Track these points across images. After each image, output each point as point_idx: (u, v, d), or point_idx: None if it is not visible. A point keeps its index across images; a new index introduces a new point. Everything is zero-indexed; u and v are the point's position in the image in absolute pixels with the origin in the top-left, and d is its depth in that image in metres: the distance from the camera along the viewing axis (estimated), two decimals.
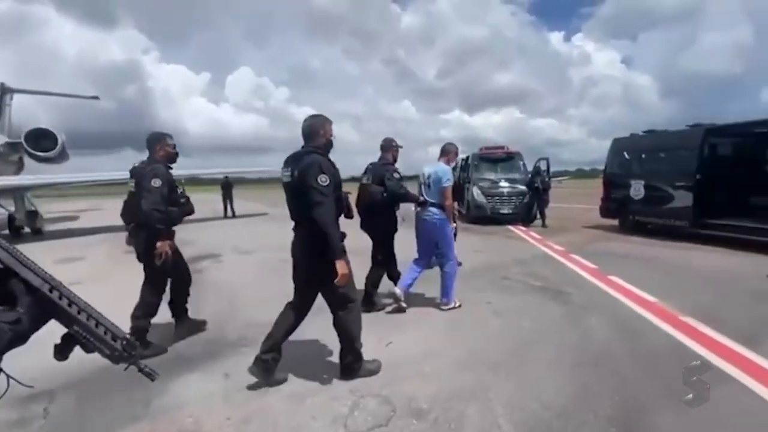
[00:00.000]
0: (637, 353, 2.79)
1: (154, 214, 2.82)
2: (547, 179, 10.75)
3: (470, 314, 3.69)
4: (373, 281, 3.92)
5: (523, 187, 10.98)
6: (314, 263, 2.40)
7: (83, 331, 0.90)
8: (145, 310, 2.96)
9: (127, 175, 3.48)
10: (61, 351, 0.93)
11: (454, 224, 3.99)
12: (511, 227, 10.22)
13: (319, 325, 3.39)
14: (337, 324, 2.53)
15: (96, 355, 1.03)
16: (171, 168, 3.10)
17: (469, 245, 7.55)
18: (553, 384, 2.37)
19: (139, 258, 3.06)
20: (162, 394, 2.36)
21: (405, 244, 4.20)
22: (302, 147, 2.47)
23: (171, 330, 3.28)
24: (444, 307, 3.85)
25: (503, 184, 11.34)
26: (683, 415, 2.05)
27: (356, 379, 2.49)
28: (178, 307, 3.30)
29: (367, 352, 2.90)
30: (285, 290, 4.67)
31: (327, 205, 2.26)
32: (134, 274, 3.28)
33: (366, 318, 3.61)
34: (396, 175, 3.83)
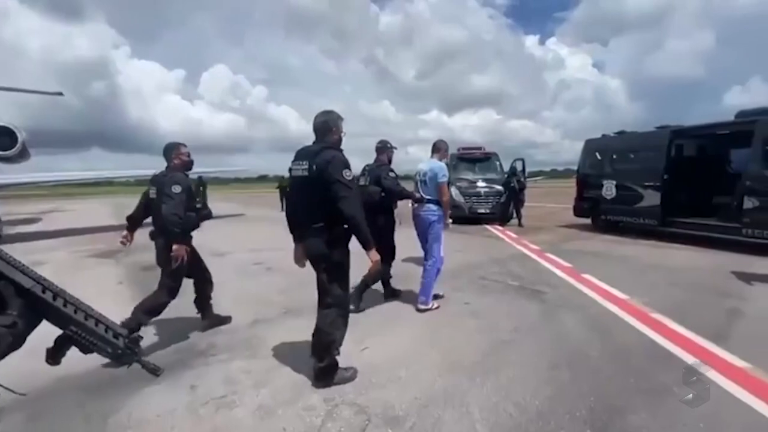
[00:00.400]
0: (610, 351, 2.82)
1: (172, 218, 2.93)
2: (523, 179, 10.93)
3: (448, 315, 3.66)
4: (383, 277, 4.08)
5: (500, 187, 11.13)
6: (325, 254, 2.39)
7: (81, 330, 0.86)
8: (151, 307, 3.06)
9: (95, 174, 3.58)
10: (54, 355, 0.88)
11: (450, 221, 4.20)
12: (488, 226, 10.33)
13: (288, 330, 3.30)
14: (321, 322, 2.46)
15: (48, 368, 0.93)
16: (187, 175, 3.27)
17: (448, 245, 7.52)
18: (530, 386, 2.35)
19: (158, 261, 3.16)
20: (121, 409, 2.20)
21: (405, 244, 4.34)
22: (314, 143, 2.47)
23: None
24: (421, 306, 3.82)
25: (481, 184, 11.44)
26: (657, 414, 2.06)
27: (330, 386, 2.40)
28: (203, 302, 3.47)
29: (343, 357, 2.81)
30: (260, 293, 4.54)
31: (353, 199, 2.29)
32: (98, 279, 3.07)
33: None
34: (391, 174, 4.02)
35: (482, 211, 11.03)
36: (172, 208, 2.94)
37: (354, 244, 2.43)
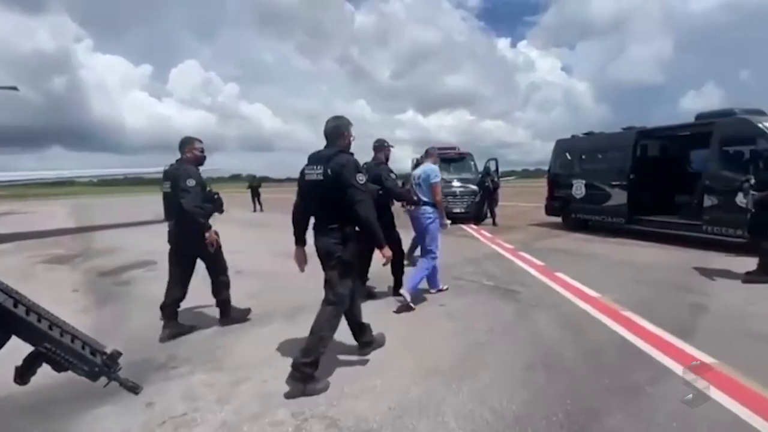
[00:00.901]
0: (584, 350, 2.82)
1: (195, 210, 3.12)
2: (496, 179, 11.07)
3: (424, 318, 3.59)
4: (395, 271, 4.17)
5: (474, 187, 11.22)
6: (335, 251, 2.46)
7: (56, 348, 0.82)
8: (221, 286, 3.41)
9: (54, 174, 3.47)
10: (23, 373, 0.83)
11: (448, 221, 4.51)
12: (463, 226, 10.38)
13: (256, 338, 3.13)
14: (321, 317, 2.49)
15: None
16: (198, 169, 3.35)
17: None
18: (506, 390, 2.30)
19: (194, 253, 3.35)
20: None
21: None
22: (325, 147, 2.55)
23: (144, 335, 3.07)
24: (398, 296, 3.95)
25: (455, 183, 11.50)
26: (632, 415, 2.05)
27: (299, 398, 2.26)
28: (220, 300, 3.54)
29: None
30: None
31: (367, 202, 2.39)
32: (52, 287, 2.81)
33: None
34: (392, 175, 4.24)
35: (457, 210, 11.08)
36: (192, 200, 3.11)
37: None
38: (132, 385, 0.98)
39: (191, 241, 3.27)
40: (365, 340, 2.82)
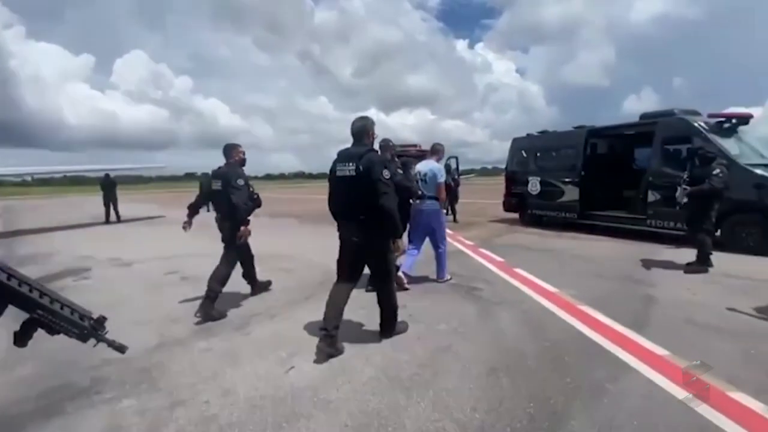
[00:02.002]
0: (545, 349, 2.78)
1: (243, 206, 3.69)
2: (457, 176, 11.17)
3: None
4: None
5: None
6: (374, 241, 2.79)
7: (47, 314, 0.94)
8: (222, 277, 3.75)
9: None
10: (21, 337, 0.96)
11: (448, 214, 4.85)
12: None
13: (198, 353, 2.80)
14: (381, 295, 2.98)
15: None
16: (243, 170, 3.93)
17: None
18: (469, 398, 2.18)
19: (226, 241, 3.89)
20: None
21: None
22: (352, 145, 2.85)
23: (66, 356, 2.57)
24: (440, 280, 4.62)
25: None
26: (594, 417, 2.00)
27: (246, 423, 2.02)
28: (251, 277, 4.30)
29: (266, 378, 2.47)
30: (169, 309, 3.93)
31: (392, 195, 2.71)
32: None
33: (270, 336, 3.15)
34: (399, 171, 4.30)
35: None
36: (241, 197, 3.68)
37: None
38: (118, 345, 1.11)
39: (228, 231, 3.85)
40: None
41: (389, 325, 3.03)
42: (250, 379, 2.44)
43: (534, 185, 9.32)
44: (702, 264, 4.89)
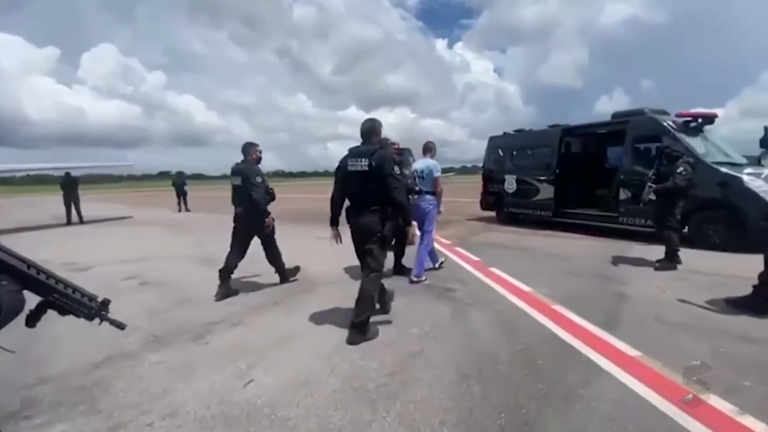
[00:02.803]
0: (518, 353, 2.70)
1: (262, 200, 4.12)
2: None
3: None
4: (397, 251, 4.98)
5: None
6: (377, 228, 2.98)
7: (63, 297, 1.12)
8: (277, 256, 4.49)
9: None
10: (33, 319, 1.11)
11: (442, 208, 5.04)
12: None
13: (148, 367, 2.56)
14: (367, 284, 3.05)
15: None
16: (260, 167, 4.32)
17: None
18: (438, 409, 2.06)
19: (254, 233, 4.34)
20: None
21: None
22: (362, 143, 3.10)
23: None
24: (414, 279, 4.58)
25: None
26: (566, 423, 1.92)
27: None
28: (277, 267, 4.60)
29: (221, 394, 2.29)
30: (124, 318, 3.64)
31: (401, 188, 2.99)
32: None
33: (230, 346, 2.95)
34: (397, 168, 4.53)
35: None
36: (260, 192, 4.10)
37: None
38: (119, 323, 1.29)
39: (255, 223, 4.25)
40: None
41: (357, 325, 2.94)
42: (203, 396, 2.24)
43: (510, 184, 9.36)
44: (670, 261, 4.96)
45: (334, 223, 3.28)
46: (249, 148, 4.33)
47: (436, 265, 5.10)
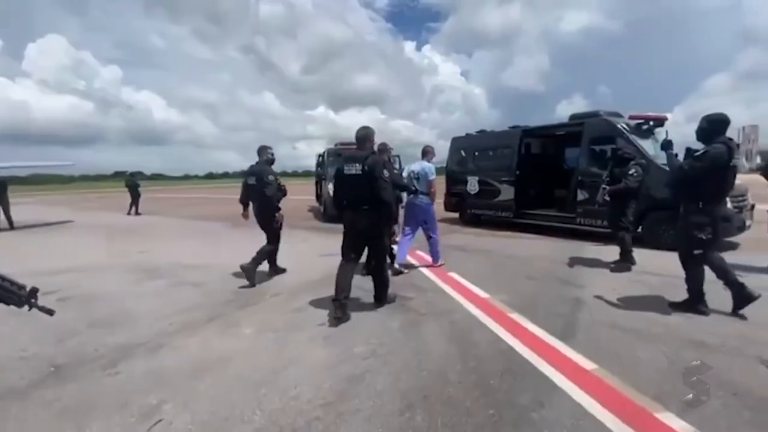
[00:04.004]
0: (470, 371, 2.48)
1: (275, 198, 4.67)
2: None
3: (294, 345, 2.94)
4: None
5: None
6: (374, 227, 3.43)
7: None
8: (273, 252, 4.89)
9: None
10: None
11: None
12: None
13: (40, 406, 2.14)
14: (376, 271, 3.70)
15: None
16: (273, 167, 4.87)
17: (319, 248, 6.91)
18: None
19: (263, 227, 4.79)
20: None
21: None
22: (357, 148, 3.54)
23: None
24: (435, 264, 5.25)
25: None
26: None
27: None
28: (271, 260, 4.97)
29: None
30: (27, 342, 3.13)
31: (389, 190, 3.38)
32: None
33: (144, 376, 2.52)
34: (395, 170, 4.93)
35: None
36: (272, 189, 4.59)
37: None
38: (48, 309, 1.53)
39: (265, 218, 4.71)
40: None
41: (381, 296, 3.72)
42: None
43: (472, 185, 9.30)
44: (625, 261, 4.98)
45: (341, 219, 3.66)
46: (261, 151, 4.85)
47: (437, 264, 5.47)
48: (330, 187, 10.96)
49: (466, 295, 4.04)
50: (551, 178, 9.19)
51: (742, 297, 3.27)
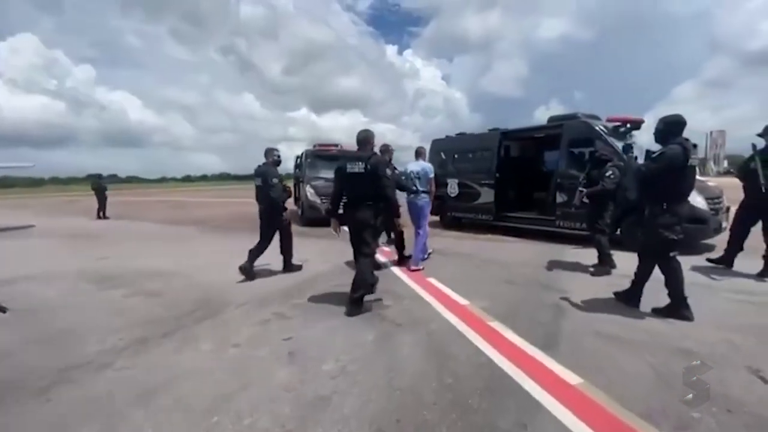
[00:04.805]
0: (446, 389, 2.27)
1: (279, 199, 4.89)
2: None
3: (254, 364, 2.66)
4: (398, 245, 5.71)
5: None
6: (369, 219, 3.58)
7: None
8: (287, 249, 5.17)
9: None
10: None
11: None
12: (345, 228, 9.70)
13: None
14: (362, 267, 3.64)
15: None
16: (277, 169, 5.07)
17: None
18: None
19: (273, 226, 4.99)
20: None
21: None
22: (358, 150, 3.72)
23: None
24: (413, 267, 5.21)
25: None
26: None
27: None
28: (287, 258, 5.24)
29: None
30: None
31: (391, 188, 3.66)
32: None
33: (76, 404, 2.17)
34: (397, 171, 5.34)
35: (340, 211, 10.36)
36: (276, 191, 4.82)
37: None
38: (2, 306, 2.08)
39: (273, 217, 4.93)
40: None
41: (354, 300, 3.60)
42: None
43: (453, 187, 9.17)
44: (605, 265, 4.91)
45: (334, 215, 3.85)
46: (268, 153, 5.01)
47: (425, 256, 5.72)
48: (309, 189, 10.69)
49: (444, 302, 3.84)
50: (531, 180, 9.16)
51: (678, 310, 3.27)
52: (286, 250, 5.15)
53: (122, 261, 6.38)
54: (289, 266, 5.20)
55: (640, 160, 5.87)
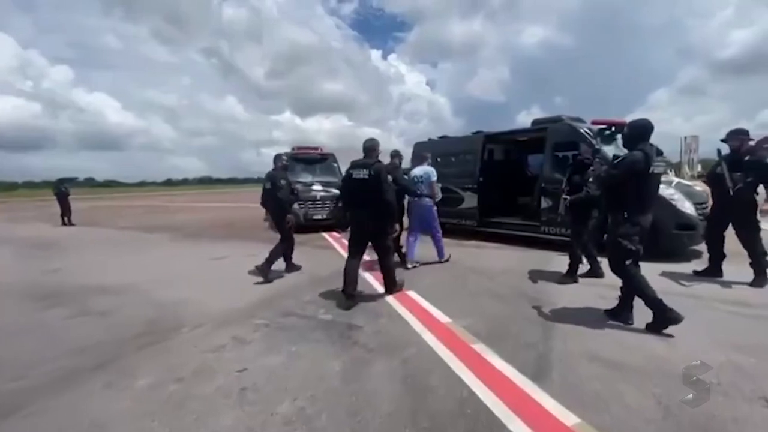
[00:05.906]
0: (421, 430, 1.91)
1: (287, 200, 5.24)
2: None
3: (194, 405, 2.23)
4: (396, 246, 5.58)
5: (337, 191, 10.24)
6: (378, 225, 3.99)
7: None
8: (278, 252, 5.20)
9: None
10: None
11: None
12: (325, 234, 9.31)
13: None
14: (383, 264, 4.19)
15: None
16: (286, 173, 5.48)
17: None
18: None
19: (277, 227, 5.30)
20: None
21: None
22: (364, 157, 4.06)
23: None
24: (441, 260, 5.90)
25: (316, 187, 10.34)
26: None
27: None
28: (287, 257, 5.51)
29: None
30: None
31: (391, 192, 3.92)
32: None
33: None
34: (405, 177, 5.68)
35: (318, 217, 9.94)
36: (286, 194, 5.24)
37: None
38: None
39: (279, 219, 5.26)
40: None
41: (390, 284, 4.22)
42: None
43: (436, 192, 8.86)
44: (572, 275, 4.72)
45: (342, 215, 4.31)
46: (277, 159, 5.46)
47: (443, 260, 5.96)
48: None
49: (424, 321, 3.49)
50: (515, 184, 8.93)
51: (664, 316, 3.04)
52: (284, 252, 5.42)
53: (75, 273, 5.83)
54: (288, 267, 5.50)
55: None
